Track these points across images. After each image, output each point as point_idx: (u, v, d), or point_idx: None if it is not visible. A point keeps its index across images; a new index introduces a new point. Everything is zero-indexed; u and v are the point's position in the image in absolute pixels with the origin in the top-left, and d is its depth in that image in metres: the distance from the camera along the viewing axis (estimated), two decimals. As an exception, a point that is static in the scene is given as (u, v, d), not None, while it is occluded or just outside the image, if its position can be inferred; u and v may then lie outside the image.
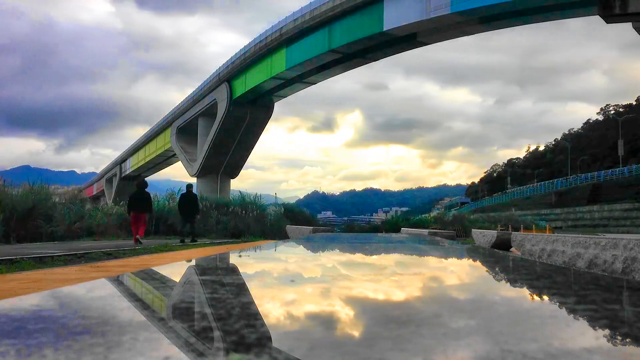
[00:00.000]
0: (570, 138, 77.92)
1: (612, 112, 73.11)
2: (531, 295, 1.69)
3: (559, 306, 1.39)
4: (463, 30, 28.52)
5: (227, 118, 40.30)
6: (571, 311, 1.27)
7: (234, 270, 2.48)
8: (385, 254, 3.95)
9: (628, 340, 0.97)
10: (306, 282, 1.89)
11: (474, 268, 2.89)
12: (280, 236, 16.97)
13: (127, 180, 66.33)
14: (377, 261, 3.30)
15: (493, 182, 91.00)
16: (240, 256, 3.12)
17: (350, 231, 25.30)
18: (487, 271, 2.70)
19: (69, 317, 1.07)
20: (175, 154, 51.78)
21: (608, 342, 0.94)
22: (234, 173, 45.80)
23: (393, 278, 2.07)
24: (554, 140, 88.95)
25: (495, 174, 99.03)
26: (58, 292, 1.44)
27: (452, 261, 3.40)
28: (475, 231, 12.62)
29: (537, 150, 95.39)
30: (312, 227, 15.80)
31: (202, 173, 43.93)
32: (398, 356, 0.77)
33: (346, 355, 0.78)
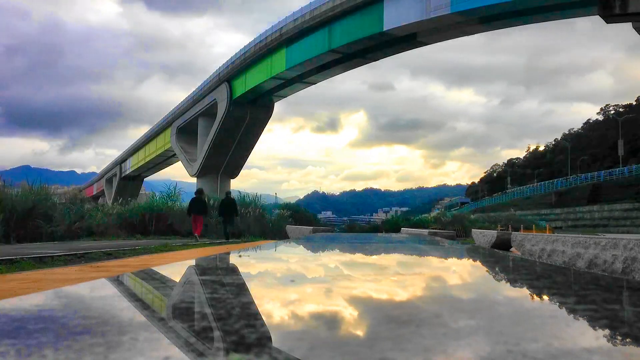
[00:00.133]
0: (570, 138, 77.89)
1: (612, 112, 73.09)
2: (531, 295, 1.69)
3: (559, 306, 1.39)
4: (463, 30, 28.51)
5: (227, 118, 40.30)
6: (571, 311, 1.27)
7: (234, 270, 2.47)
8: (385, 254, 3.95)
9: (628, 340, 0.97)
10: (306, 282, 1.89)
11: (474, 268, 2.89)
12: (280, 236, 16.96)
13: (127, 180, 66.34)
14: (377, 261, 3.30)
15: (493, 182, 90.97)
16: (240, 256, 3.12)
17: (350, 231, 25.30)
18: (487, 271, 2.70)
19: (69, 317, 1.07)
20: (175, 154, 51.77)
21: (608, 342, 0.94)
22: (234, 173, 45.79)
23: (393, 278, 2.07)
24: (554, 140, 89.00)
25: (495, 174, 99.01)
26: (58, 292, 1.43)
27: (452, 261, 3.40)
28: (475, 231, 12.62)
29: (537, 150, 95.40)
30: (312, 227, 15.80)
31: (202, 173, 43.91)
32: (398, 356, 0.77)
33: (346, 355, 0.78)
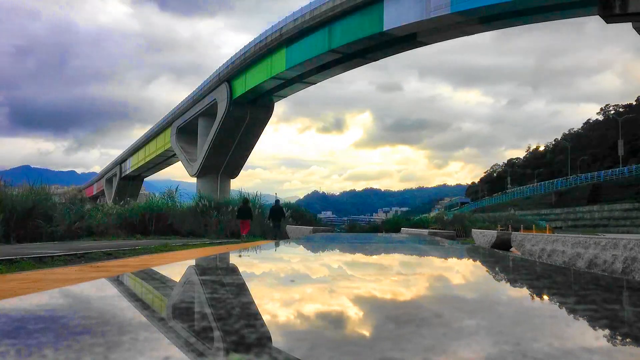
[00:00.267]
0: (570, 138, 77.89)
1: (612, 112, 73.09)
2: (531, 295, 1.69)
3: (559, 306, 1.39)
4: (463, 30, 28.51)
5: (227, 118, 40.29)
6: (571, 311, 1.27)
7: (234, 270, 2.48)
8: (385, 254, 3.96)
9: (628, 340, 0.97)
10: (306, 282, 1.89)
11: (474, 268, 2.89)
12: (280, 236, 16.97)
13: (127, 180, 66.33)
14: (378, 261, 3.30)
15: (493, 182, 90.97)
16: (240, 256, 3.12)
17: (350, 231, 25.31)
18: (487, 271, 2.70)
19: (69, 317, 1.07)
20: (175, 154, 51.77)
21: (608, 342, 0.94)
22: (234, 173, 45.79)
23: (393, 278, 2.07)
24: (554, 140, 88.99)
25: (495, 174, 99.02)
26: (58, 292, 1.43)
27: (452, 261, 3.40)
28: (475, 231, 12.62)
29: (537, 150, 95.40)
30: (312, 227, 15.81)
31: (202, 173, 43.92)
32: (398, 356, 0.77)
33: (347, 355, 0.78)
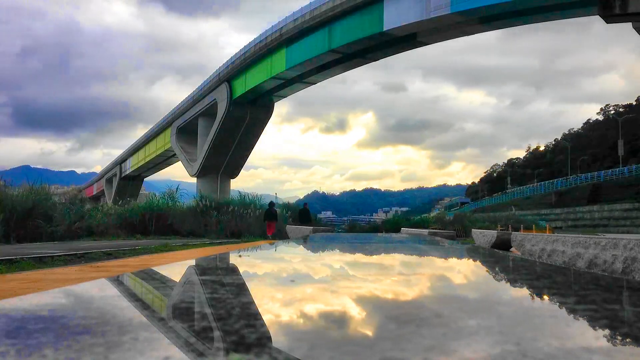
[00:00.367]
0: (570, 138, 77.90)
1: (612, 112, 73.09)
2: (531, 295, 1.69)
3: (559, 306, 1.39)
4: (463, 30, 28.51)
5: (227, 118, 40.30)
6: (571, 311, 1.27)
7: (234, 270, 2.48)
8: (385, 254, 3.96)
9: (628, 340, 0.97)
10: (306, 282, 1.89)
11: (474, 268, 2.89)
12: (280, 236, 16.96)
13: (127, 180, 66.34)
14: (377, 261, 3.30)
15: (493, 182, 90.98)
16: (240, 256, 3.12)
17: (350, 231, 25.31)
18: (487, 271, 2.70)
19: (69, 317, 1.07)
20: (175, 154, 51.77)
21: (608, 342, 0.94)
22: (234, 173, 45.80)
23: (393, 278, 2.07)
24: (554, 140, 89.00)
25: (495, 174, 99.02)
26: (58, 292, 1.44)
27: (452, 261, 3.40)
28: (475, 231, 12.61)
29: (537, 150, 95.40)
30: (312, 227, 15.79)
31: (202, 173, 43.92)
32: (399, 356, 0.77)
33: (346, 355, 0.78)
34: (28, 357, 0.72)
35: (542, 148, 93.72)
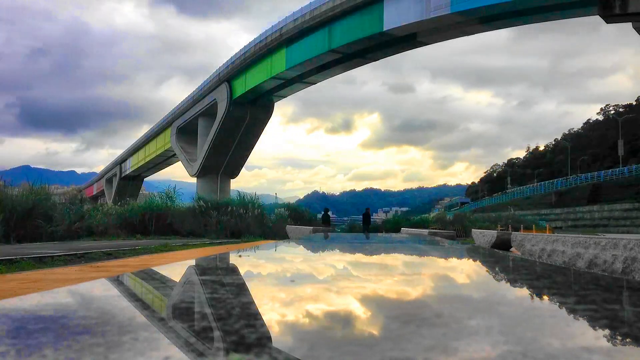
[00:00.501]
0: (570, 138, 77.91)
1: (612, 112, 73.10)
2: (531, 295, 1.69)
3: (559, 306, 1.39)
4: (463, 30, 28.52)
5: (227, 118, 40.30)
6: (571, 311, 1.27)
7: (234, 270, 2.48)
8: (385, 254, 3.95)
9: (628, 340, 0.97)
10: (306, 282, 1.89)
11: (474, 268, 2.89)
12: (280, 236, 16.97)
13: (127, 180, 66.35)
14: (377, 261, 3.30)
15: (493, 182, 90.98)
16: (240, 256, 3.12)
17: (350, 231, 25.31)
18: (487, 271, 2.70)
19: (69, 317, 1.07)
20: (175, 154, 51.78)
21: (608, 342, 0.94)
22: (234, 173, 45.82)
23: (393, 278, 2.07)
24: (554, 140, 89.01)
25: (495, 174, 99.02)
26: (58, 292, 1.44)
27: (452, 261, 3.40)
28: (475, 231, 12.61)
29: (537, 150, 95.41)
30: (312, 227, 15.80)
31: (202, 173, 43.93)
32: (399, 356, 0.77)
33: (346, 355, 0.78)
34: (28, 357, 0.72)
35: (542, 148, 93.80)
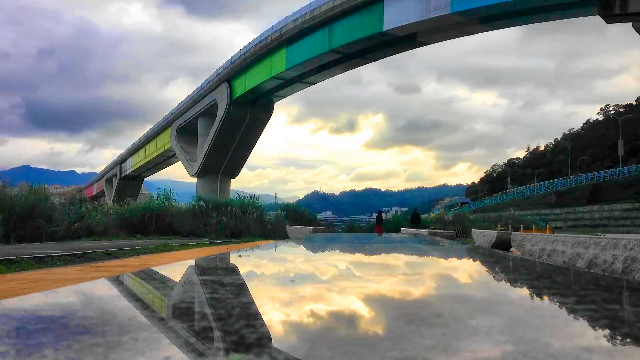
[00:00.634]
0: (570, 138, 77.88)
1: (612, 112, 73.09)
2: (531, 295, 1.69)
3: (559, 306, 1.39)
4: (463, 30, 28.51)
5: (227, 118, 40.29)
6: (571, 311, 1.27)
7: (234, 270, 2.47)
8: (385, 254, 3.96)
9: (628, 340, 0.97)
10: (306, 282, 1.89)
11: (474, 268, 2.89)
12: (280, 236, 16.97)
13: (127, 180, 66.31)
14: (377, 261, 3.30)
15: (493, 182, 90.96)
16: (240, 256, 3.12)
17: (350, 231, 25.32)
18: (487, 271, 2.70)
19: (69, 317, 1.07)
20: (175, 154, 51.76)
21: (608, 342, 0.94)
22: (234, 173, 45.80)
23: (393, 278, 2.07)
24: (554, 140, 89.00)
25: (495, 174, 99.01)
26: (58, 292, 1.44)
27: (452, 261, 3.40)
28: (475, 231, 12.61)
29: (537, 150, 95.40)
30: (312, 227, 15.79)
31: (202, 173, 43.92)
32: (399, 356, 0.77)
33: (346, 355, 0.78)
34: (28, 357, 0.72)
35: (542, 148, 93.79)
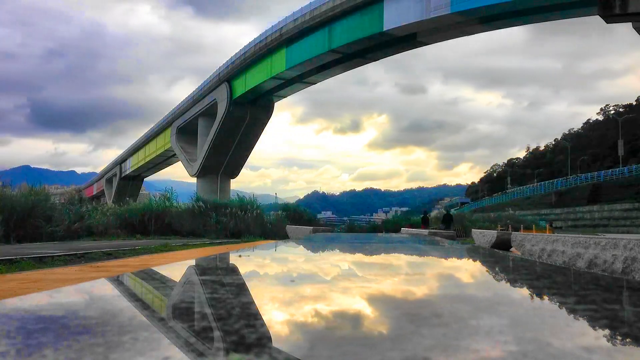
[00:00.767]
0: (570, 138, 77.88)
1: (612, 112, 73.10)
2: (531, 295, 1.69)
3: (559, 306, 1.39)
4: (463, 30, 28.52)
5: (227, 118, 40.29)
6: (571, 311, 1.27)
7: (234, 270, 2.47)
8: (385, 254, 3.95)
9: (628, 340, 0.97)
10: (306, 282, 1.89)
11: (474, 268, 2.89)
12: (280, 236, 16.97)
13: (127, 180, 66.32)
14: (377, 261, 3.30)
15: (493, 182, 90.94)
16: (240, 256, 3.12)
17: (350, 231, 25.32)
18: (487, 271, 2.70)
19: (69, 317, 1.07)
20: (175, 154, 51.77)
21: (608, 342, 0.94)
22: (234, 173, 45.81)
23: (393, 278, 2.07)
24: (554, 140, 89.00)
25: (495, 174, 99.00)
26: (58, 292, 1.44)
27: (452, 261, 3.40)
28: (475, 231, 12.60)
29: (537, 150, 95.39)
30: (312, 227, 15.79)
31: (202, 173, 43.92)
32: (398, 356, 0.77)
33: (346, 355, 0.78)
34: (28, 357, 0.72)
35: (542, 148, 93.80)
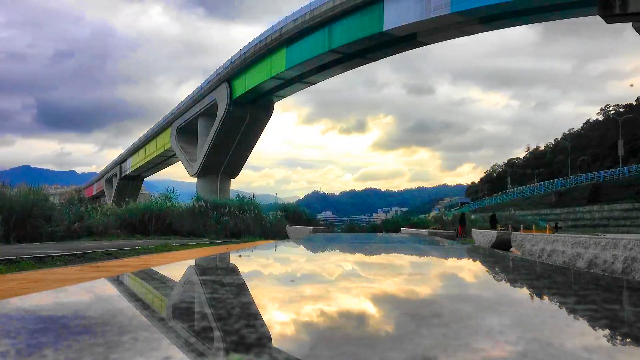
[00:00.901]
0: (570, 138, 77.86)
1: (612, 112, 73.10)
2: (531, 295, 1.69)
3: (559, 306, 1.39)
4: (463, 30, 28.51)
5: (227, 118, 40.29)
6: (571, 311, 1.27)
7: (234, 270, 2.47)
8: (385, 254, 3.95)
9: (628, 340, 0.97)
10: (305, 282, 1.89)
11: (474, 268, 2.89)
12: (280, 236, 16.97)
13: (127, 180, 66.30)
14: (377, 261, 3.30)
15: (493, 182, 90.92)
16: (240, 256, 3.12)
17: (350, 231, 25.32)
18: (487, 271, 2.70)
19: (69, 317, 1.07)
20: (175, 154, 51.75)
21: (608, 342, 0.94)
22: (234, 173, 45.80)
23: (393, 279, 2.07)
24: (554, 140, 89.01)
25: (495, 174, 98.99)
26: (58, 292, 1.44)
27: (452, 261, 3.40)
28: (475, 231, 12.62)
29: (537, 150, 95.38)
30: (312, 227, 15.80)
31: (202, 173, 43.92)
32: (398, 356, 0.77)
33: (346, 355, 0.78)
34: (28, 357, 0.72)
35: (542, 148, 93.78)
